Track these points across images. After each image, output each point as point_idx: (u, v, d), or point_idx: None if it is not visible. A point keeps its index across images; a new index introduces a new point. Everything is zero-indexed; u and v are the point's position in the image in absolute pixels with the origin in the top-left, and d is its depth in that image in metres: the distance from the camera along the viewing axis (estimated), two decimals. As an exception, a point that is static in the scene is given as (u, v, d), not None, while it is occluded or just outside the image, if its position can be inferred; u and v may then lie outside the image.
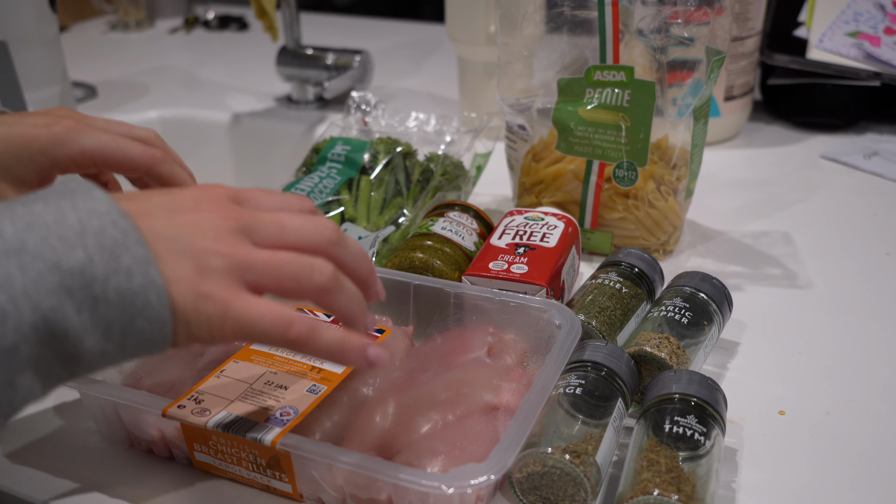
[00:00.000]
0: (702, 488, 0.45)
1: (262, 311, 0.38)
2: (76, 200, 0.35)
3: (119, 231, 0.35)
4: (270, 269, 0.38)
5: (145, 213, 0.37)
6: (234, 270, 0.37)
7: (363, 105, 0.92)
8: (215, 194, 0.40)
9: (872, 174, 0.94)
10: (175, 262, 0.36)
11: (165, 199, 0.39)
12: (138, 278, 0.35)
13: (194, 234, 0.37)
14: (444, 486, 0.42)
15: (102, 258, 0.34)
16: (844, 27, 1.01)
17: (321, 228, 0.41)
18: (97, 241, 0.34)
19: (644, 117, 0.70)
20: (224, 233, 0.38)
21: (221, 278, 0.37)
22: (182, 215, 0.38)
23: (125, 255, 0.35)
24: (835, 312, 0.68)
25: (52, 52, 1.01)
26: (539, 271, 0.61)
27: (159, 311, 0.35)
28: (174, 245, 0.36)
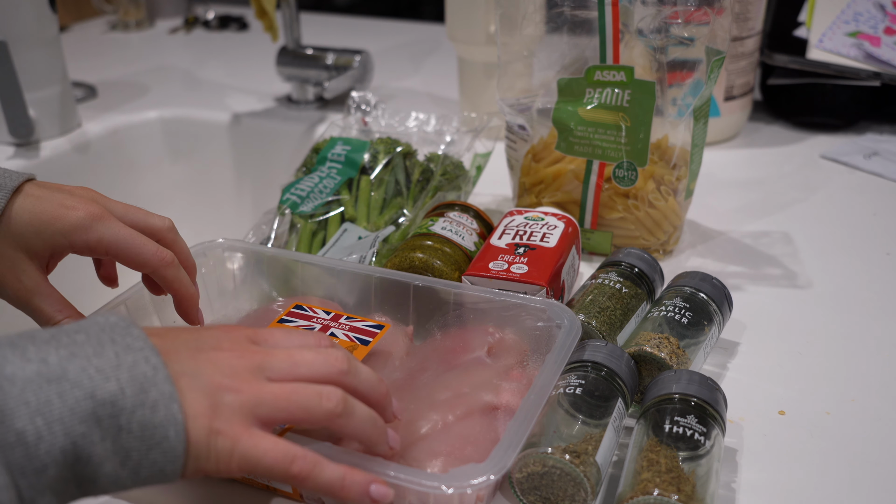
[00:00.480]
0: (702, 488, 0.45)
1: (267, 447, 0.40)
2: (115, 335, 0.38)
3: (150, 367, 0.37)
4: (280, 401, 0.41)
5: (173, 350, 0.40)
6: (246, 406, 0.40)
7: (363, 105, 0.92)
8: (235, 335, 0.43)
9: (872, 174, 0.94)
10: (193, 398, 0.38)
11: (191, 337, 0.42)
12: (161, 412, 0.37)
13: (213, 372, 0.40)
14: (444, 486, 0.42)
15: (133, 391, 0.36)
16: (844, 27, 1.01)
17: (332, 360, 0.43)
18: (130, 375, 0.37)
19: (644, 117, 0.70)
20: (240, 371, 0.41)
21: (233, 414, 0.39)
22: (204, 353, 0.41)
23: (153, 390, 0.37)
24: (835, 312, 0.68)
25: (52, 52, 1.01)
26: (539, 271, 0.61)
27: (175, 444, 0.37)
28: (194, 382, 0.39)
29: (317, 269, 0.64)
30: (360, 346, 0.55)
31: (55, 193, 0.53)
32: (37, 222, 0.52)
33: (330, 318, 0.58)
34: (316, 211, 0.76)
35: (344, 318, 0.58)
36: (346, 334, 0.56)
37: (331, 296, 0.64)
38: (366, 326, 0.57)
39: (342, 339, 0.56)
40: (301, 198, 0.77)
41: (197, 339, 0.42)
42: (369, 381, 0.45)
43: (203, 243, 0.66)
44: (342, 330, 0.57)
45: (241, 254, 0.67)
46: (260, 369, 0.42)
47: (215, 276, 0.66)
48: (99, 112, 1.16)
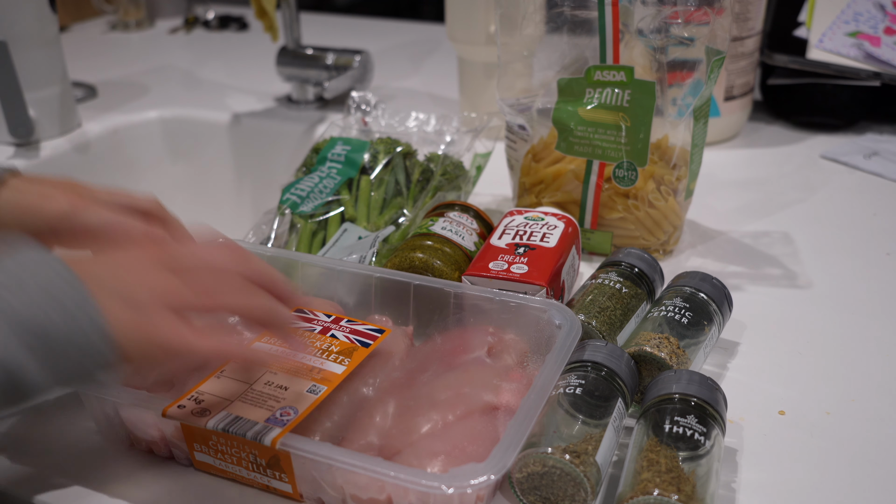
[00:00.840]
0: (702, 488, 0.45)
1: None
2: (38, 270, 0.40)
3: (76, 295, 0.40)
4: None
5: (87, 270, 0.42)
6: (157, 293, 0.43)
7: (363, 105, 0.92)
8: (147, 248, 0.46)
9: (872, 174, 0.94)
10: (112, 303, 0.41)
11: (107, 257, 0.45)
12: (83, 320, 0.40)
13: (124, 276, 0.43)
14: (444, 486, 0.42)
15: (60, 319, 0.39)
16: (844, 27, 1.01)
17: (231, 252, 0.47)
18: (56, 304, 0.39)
19: (644, 117, 0.69)
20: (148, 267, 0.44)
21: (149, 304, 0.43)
22: (119, 266, 0.44)
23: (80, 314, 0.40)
24: (835, 312, 0.68)
25: (52, 52, 1.01)
26: (539, 271, 0.61)
27: (105, 345, 0.40)
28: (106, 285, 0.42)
29: (317, 269, 0.64)
30: (360, 348, 0.55)
31: (36, 185, 0.53)
32: (20, 214, 0.52)
33: (331, 321, 0.58)
34: (316, 211, 0.76)
35: (345, 321, 0.58)
36: (347, 336, 0.56)
37: (331, 296, 0.64)
38: (367, 330, 0.57)
39: (342, 341, 0.56)
40: (301, 198, 0.77)
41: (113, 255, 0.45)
42: (265, 269, 0.48)
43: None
44: (343, 332, 0.57)
45: (241, 254, 0.66)
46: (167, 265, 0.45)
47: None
48: (99, 112, 1.16)
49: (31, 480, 0.52)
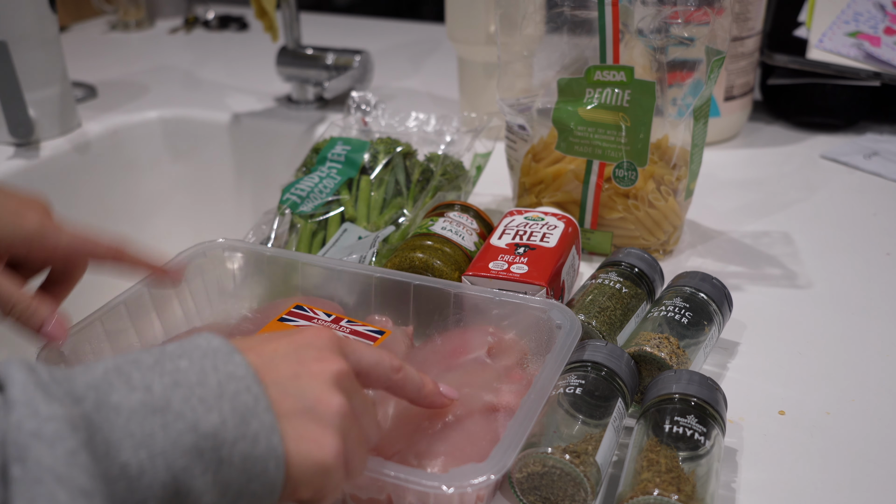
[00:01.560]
0: (702, 488, 0.45)
1: None
2: (217, 362, 0.37)
3: (252, 397, 0.37)
4: None
5: (272, 370, 0.39)
6: (337, 420, 0.40)
7: (363, 105, 0.92)
8: (325, 342, 0.43)
9: (872, 174, 0.94)
10: (297, 422, 0.38)
11: (289, 349, 0.41)
12: (262, 445, 0.36)
13: (310, 388, 0.39)
14: (444, 486, 0.42)
15: (234, 422, 0.36)
16: (844, 27, 1.01)
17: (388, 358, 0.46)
18: (232, 406, 0.36)
19: (644, 117, 0.69)
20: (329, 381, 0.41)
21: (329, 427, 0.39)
22: (302, 367, 0.40)
23: (254, 421, 0.36)
24: (835, 312, 0.68)
25: (52, 52, 1.01)
26: (539, 271, 0.61)
27: (274, 476, 0.37)
28: (298, 403, 0.39)
29: (317, 269, 0.64)
30: (360, 346, 0.55)
31: (7, 200, 0.54)
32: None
33: (331, 321, 0.58)
34: (316, 211, 0.76)
35: (345, 322, 0.58)
36: (347, 337, 0.56)
37: (331, 296, 0.64)
38: (367, 331, 0.57)
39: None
40: (301, 198, 0.77)
41: (296, 351, 0.41)
42: (416, 373, 0.47)
43: (203, 243, 0.66)
44: (343, 332, 0.57)
45: (241, 254, 0.67)
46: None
47: (215, 276, 0.66)
48: (99, 112, 1.16)
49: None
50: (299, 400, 0.38)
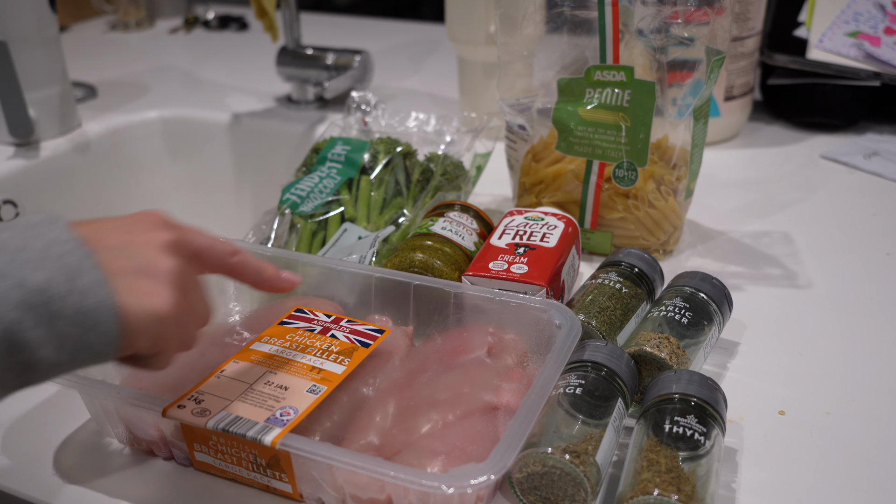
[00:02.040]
0: (702, 488, 0.45)
1: None
2: (40, 231, 0.39)
3: (77, 258, 0.39)
4: None
5: (100, 237, 0.41)
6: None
7: (363, 105, 0.92)
8: (153, 219, 0.45)
9: (872, 174, 0.94)
10: (130, 279, 0.40)
11: (115, 223, 0.43)
12: (93, 297, 0.38)
13: (136, 252, 0.42)
14: (444, 486, 0.42)
15: (62, 278, 0.38)
16: (844, 27, 1.01)
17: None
18: (58, 266, 0.38)
19: (644, 117, 0.69)
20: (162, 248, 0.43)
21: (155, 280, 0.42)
22: (134, 237, 0.43)
23: (83, 277, 0.38)
24: (835, 312, 0.68)
25: (52, 52, 1.01)
26: (539, 271, 0.61)
27: (109, 327, 0.39)
28: (129, 264, 0.41)
29: (317, 269, 0.64)
30: (360, 348, 0.55)
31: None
32: None
33: (331, 321, 0.58)
34: (316, 211, 0.76)
35: (345, 321, 0.58)
36: (347, 336, 0.56)
37: (331, 296, 0.64)
38: (367, 330, 0.57)
39: (342, 341, 0.56)
40: (301, 198, 0.77)
41: (127, 225, 0.43)
42: (255, 259, 0.49)
43: (203, 243, 0.66)
44: (343, 332, 0.57)
45: (241, 254, 0.66)
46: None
47: (215, 275, 0.66)
48: (99, 112, 1.16)
49: (32, 480, 0.52)
50: (131, 261, 0.41)
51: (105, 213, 1.12)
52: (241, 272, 0.48)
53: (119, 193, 1.15)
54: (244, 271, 0.48)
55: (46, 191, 1.03)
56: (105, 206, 1.12)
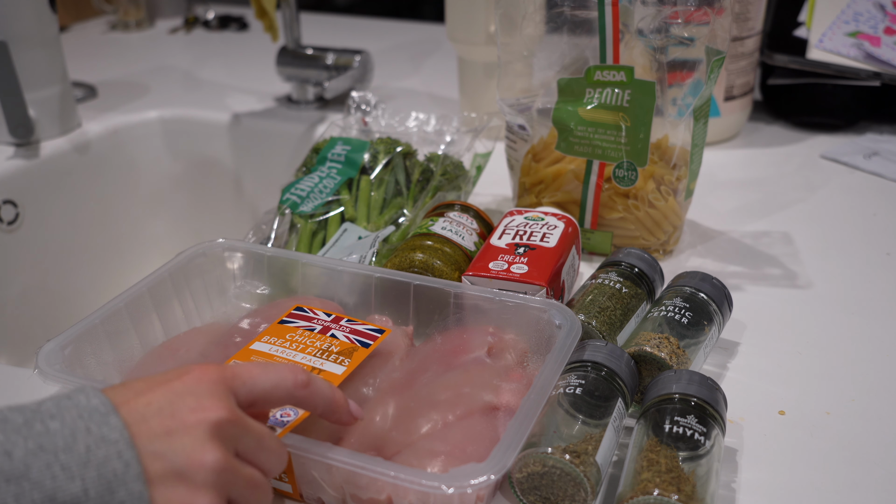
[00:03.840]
0: (702, 488, 0.45)
1: None
2: (91, 423, 0.36)
3: (122, 463, 0.35)
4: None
5: (145, 428, 0.37)
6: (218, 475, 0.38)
7: (363, 105, 0.92)
8: (208, 387, 0.40)
9: (872, 174, 0.94)
10: (167, 487, 0.36)
11: (165, 402, 0.39)
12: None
13: (185, 447, 0.37)
14: (444, 486, 0.42)
15: (98, 492, 0.34)
16: (844, 27, 1.01)
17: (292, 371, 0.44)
18: (98, 473, 0.35)
19: (644, 117, 0.70)
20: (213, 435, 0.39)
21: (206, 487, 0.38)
22: (178, 420, 0.38)
23: (121, 490, 0.35)
24: (835, 312, 0.68)
25: (52, 52, 1.01)
26: (539, 271, 0.61)
27: None
28: (167, 465, 0.37)
29: (317, 269, 0.64)
30: (360, 348, 0.55)
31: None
32: None
33: (331, 320, 0.58)
34: (316, 211, 0.76)
35: (345, 321, 0.58)
36: (347, 336, 0.56)
37: (331, 296, 0.64)
38: (367, 329, 0.57)
39: (342, 341, 0.56)
40: (301, 198, 0.77)
41: (172, 402, 0.39)
42: (327, 388, 0.45)
43: (203, 243, 0.66)
44: (343, 332, 0.57)
45: (241, 254, 0.67)
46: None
47: (215, 276, 0.66)
48: (99, 112, 1.16)
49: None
50: (170, 461, 0.37)
51: (105, 213, 1.12)
52: (311, 405, 0.44)
53: (119, 193, 1.15)
54: (315, 403, 0.44)
55: (46, 191, 1.03)
56: (105, 206, 1.12)
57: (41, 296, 1.02)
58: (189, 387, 0.40)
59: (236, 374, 0.41)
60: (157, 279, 0.62)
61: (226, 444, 0.39)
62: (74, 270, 1.08)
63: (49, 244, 1.04)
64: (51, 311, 1.04)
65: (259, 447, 0.41)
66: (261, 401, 0.42)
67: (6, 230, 0.98)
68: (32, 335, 1.00)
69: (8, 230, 0.98)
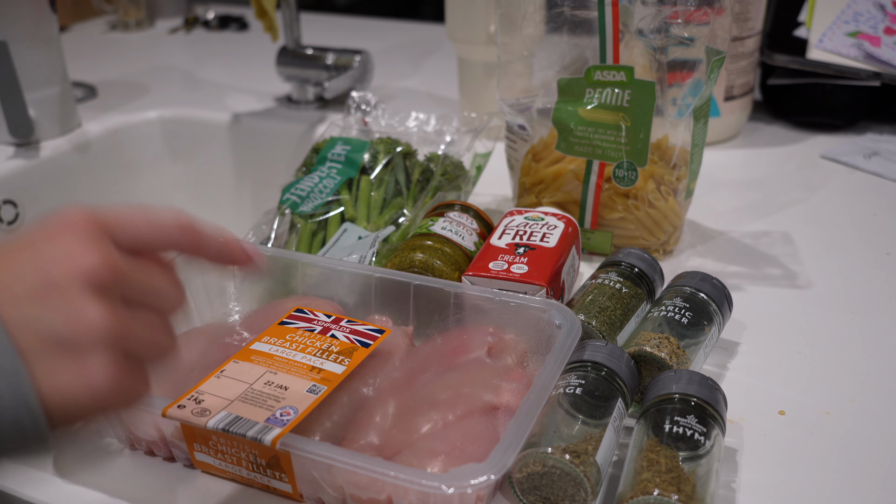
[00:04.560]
0: (702, 488, 0.45)
1: None
2: None
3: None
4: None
5: (11, 288, 0.33)
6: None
7: (363, 105, 0.92)
8: (72, 231, 0.35)
9: (872, 174, 0.94)
10: (48, 358, 0.33)
11: (31, 255, 0.34)
12: (7, 396, 0.32)
13: (62, 308, 0.33)
14: (444, 486, 0.42)
15: None
16: (844, 27, 1.01)
17: None
18: None
19: (644, 117, 0.69)
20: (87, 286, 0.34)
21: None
22: (48, 275, 0.34)
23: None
24: (835, 312, 0.68)
25: (52, 52, 1.01)
26: (539, 271, 0.61)
27: (32, 428, 0.33)
28: (45, 333, 0.33)
29: (317, 269, 0.64)
30: (360, 348, 0.55)
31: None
32: None
33: (331, 321, 0.58)
34: (316, 211, 0.76)
35: (345, 321, 0.58)
36: (347, 336, 0.56)
37: (331, 296, 0.64)
38: (367, 330, 0.57)
39: (342, 341, 0.56)
40: (301, 198, 0.77)
41: (36, 259, 0.34)
42: (213, 228, 0.42)
43: (203, 243, 0.66)
44: (343, 332, 0.57)
45: (241, 254, 0.66)
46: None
47: (215, 276, 0.66)
48: (99, 112, 1.16)
49: (32, 481, 0.52)
50: (46, 328, 0.33)
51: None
52: (201, 249, 0.39)
53: (119, 193, 1.15)
54: (204, 246, 0.39)
55: (46, 191, 1.03)
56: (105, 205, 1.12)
57: (41, 296, 1.02)
58: (53, 237, 0.34)
59: (110, 217, 0.36)
60: (157, 279, 0.61)
61: (108, 293, 0.34)
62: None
63: (49, 244, 1.04)
64: (51, 311, 1.03)
65: (149, 288, 0.36)
66: (143, 246, 0.37)
67: (6, 230, 0.98)
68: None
69: (8, 230, 0.98)
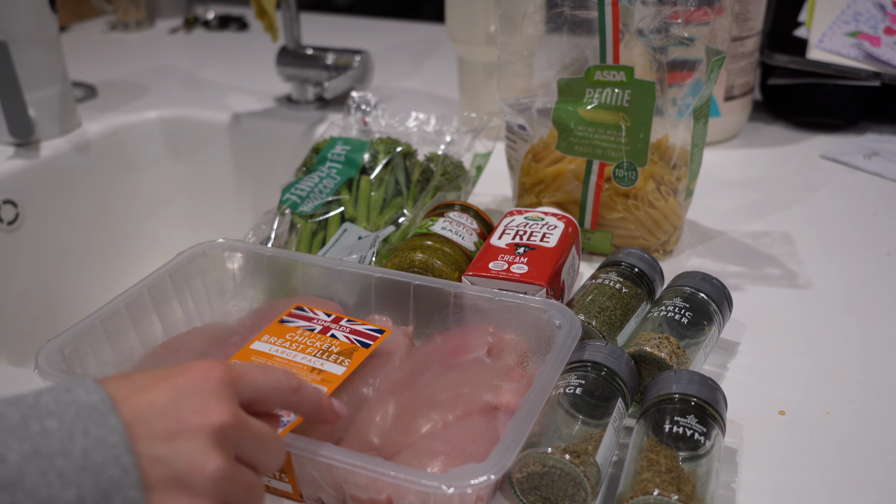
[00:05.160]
0: (702, 488, 0.45)
1: None
2: (90, 424, 0.34)
3: (120, 469, 0.34)
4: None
5: (146, 430, 0.36)
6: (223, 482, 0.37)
7: (363, 105, 0.92)
8: (210, 386, 0.39)
9: (872, 174, 0.94)
10: (166, 494, 0.35)
11: (170, 401, 0.38)
12: None
13: (186, 451, 0.36)
14: (444, 486, 0.42)
15: (94, 499, 0.33)
16: (844, 27, 1.01)
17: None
18: (94, 480, 0.33)
19: (644, 117, 0.69)
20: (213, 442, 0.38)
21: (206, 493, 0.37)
22: (181, 422, 0.37)
23: (117, 497, 0.34)
24: (835, 312, 0.68)
25: (52, 52, 1.01)
26: (539, 271, 0.61)
27: None
28: (168, 472, 0.36)
29: (317, 269, 0.64)
30: (360, 348, 0.55)
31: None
32: None
33: (331, 321, 0.58)
34: (316, 211, 0.76)
35: (345, 321, 0.58)
36: (348, 336, 0.56)
37: (331, 296, 0.64)
38: (367, 330, 0.57)
39: (342, 341, 0.56)
40: (301, 198, 0.77)
41: (177, 402, 0.38)
42: (314, 391, 0.45)
43: (203, 243, 0.66)
44: (343, 332, 0.57)
45: (241, 254, 0.67)
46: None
47: (215, 276, 0.66)
48: (99, 112, 1.16)
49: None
50: (171, 467, 0.36)
51: (105, 213, 1.12)
52: (299, 409, 0.44)
53: (119, 193, 1.15)
54: (303, 408, 0.44)
55: (46, 191, 1.03)
56: (105, 206, 1.12)
57: (41, 296, 1.02)
58: (193, 385, 0.38)
59: (241, 374, 0.41)
60: (157, 279, 0.62)
61: (227, 449, 0.38)
62: (74, 270, 1.08)
63: (49, 244, 1.04)
64: (51, 311, 1.04)
65: (259, 448, 0.40)
66: (259, 402, 0.42)
67: (6, 230, 0.98)
68: (32, 335, 1.00)
69: (8, 230, 0.98)
